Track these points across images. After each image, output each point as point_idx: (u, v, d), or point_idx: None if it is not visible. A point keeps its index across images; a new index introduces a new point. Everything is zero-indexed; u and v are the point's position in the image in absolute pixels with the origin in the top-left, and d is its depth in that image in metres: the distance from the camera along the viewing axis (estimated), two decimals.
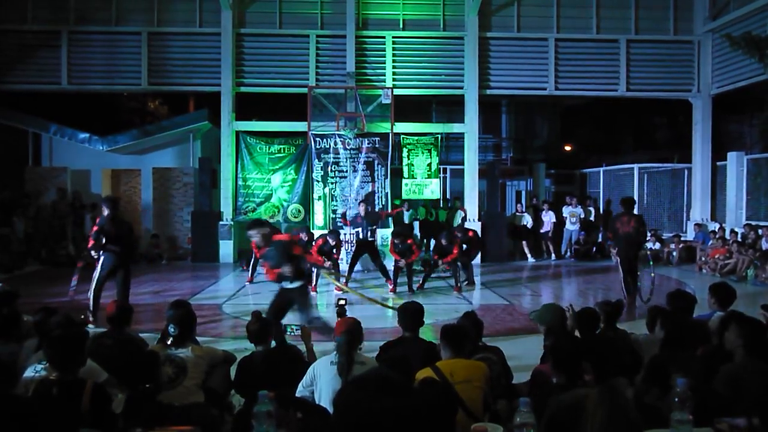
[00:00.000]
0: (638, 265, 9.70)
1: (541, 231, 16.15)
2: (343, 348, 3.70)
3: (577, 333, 4.38)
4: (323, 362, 3.80)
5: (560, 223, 16.11)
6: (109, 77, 15.35)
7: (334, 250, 10.92)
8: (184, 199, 16.54)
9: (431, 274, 11.51)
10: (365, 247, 11.33)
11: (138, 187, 17.08)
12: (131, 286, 8.30)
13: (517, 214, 16.48)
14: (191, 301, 8.21)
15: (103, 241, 7.77)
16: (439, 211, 15.88)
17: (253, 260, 11.92)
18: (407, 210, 15.24)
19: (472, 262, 11.83)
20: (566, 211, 16.03)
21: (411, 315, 4.50)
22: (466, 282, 11.32)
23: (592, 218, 16.49)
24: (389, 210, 14.09)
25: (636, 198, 16.32)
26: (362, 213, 11.45)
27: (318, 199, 14.70)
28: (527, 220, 16.08)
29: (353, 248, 11.62)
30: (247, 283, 11.80)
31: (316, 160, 14.75)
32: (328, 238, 10.97)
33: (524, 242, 15.98)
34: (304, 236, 11.02)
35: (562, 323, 4.38)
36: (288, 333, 4.64)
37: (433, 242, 14.26)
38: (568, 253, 16.12)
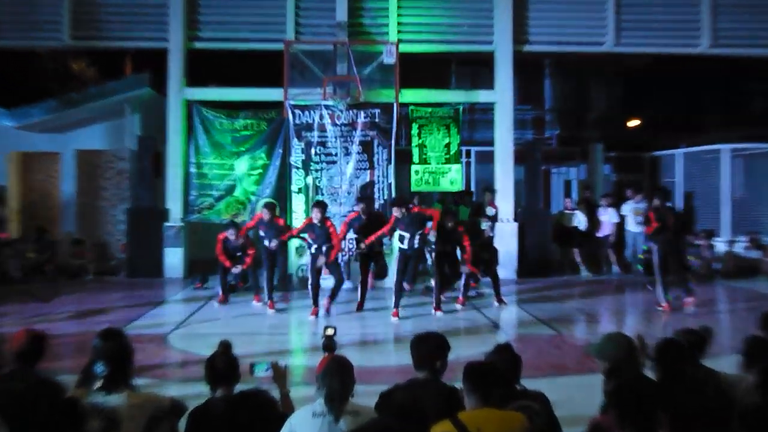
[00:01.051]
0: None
1: (599, 235, 16.12)
2: (330, 394, 3.68)
3: (649, 372, 4.34)
4: (303, 414, 3.79)
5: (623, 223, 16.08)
6: (20, 30, 15.33)
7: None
8: (117, 192, 16.54)
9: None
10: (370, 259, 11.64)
11: (56, 176, 17.13)
12: (39, 309, 8.28)
13: (566, 212, 16.45)
14: (127, 330, 8.16)
15: None
16: (460, 208, 15.83)
17: (222, 274, 12.05)
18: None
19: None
20: (627, 207, 16.04)
21: (427, 348, 4.44)
22: (476, 294, 11.36)
23: None
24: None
25: (727, 188, 16.26)
26: (363, 213, 11.58)
27: (297, 193, 14.70)
28: (580, 221, 16.05)
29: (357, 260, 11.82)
30: (218, 303, 11.91)
31: (296, 139, 14.75)
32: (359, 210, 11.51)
33: (576, 250, 15.93)
34: (232, 235, 11.82)
35: (630, 359, 4.33)
36: (255, 373, 4.59)
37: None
38: (635, 265, 16.08)
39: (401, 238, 10.85)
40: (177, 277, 14.97)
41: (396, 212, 10.73)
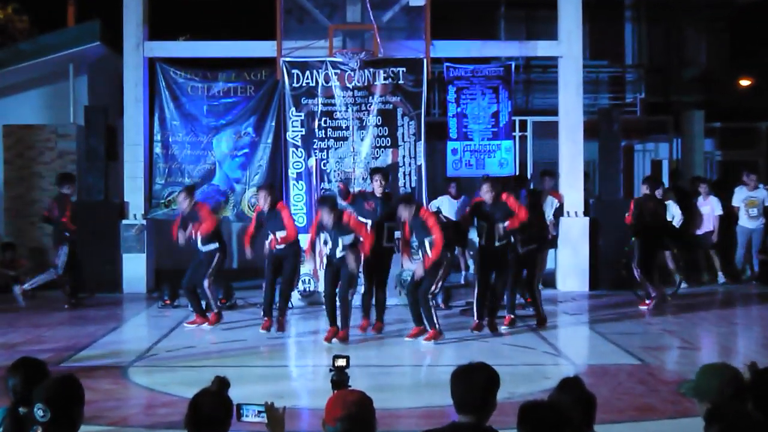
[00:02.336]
0: None
1: (697, 232, 16.02)
2: None
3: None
4: None
5: (731, 217, 15.96)
6: None
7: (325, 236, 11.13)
8: None
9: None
10: (382, 259, 11.45)
11: None
12: None
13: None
14: (73, 363, 8.29)
15: None
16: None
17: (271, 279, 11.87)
18: (456, 198, 15.19)
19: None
20: (739, 196, 15.89)
21: (472, 385, 4.46)
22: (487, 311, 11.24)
23: None
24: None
25: None
26: (377, 192, 11.48)
27: (296, 180, 14.69)
28: (674, 214, 15.90)
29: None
30: (208, 326, 11.84)
31: (293, 109, 14.74)
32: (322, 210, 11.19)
33: (667, 252, 15.87)
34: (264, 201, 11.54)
35: (737, 397, 4.34)
36: (243, 417, 4.64)
37: None
38: (748, 271, 16.02)
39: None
40: (138, 291, 15.01)
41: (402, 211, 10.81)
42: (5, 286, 15.28)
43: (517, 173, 16.15)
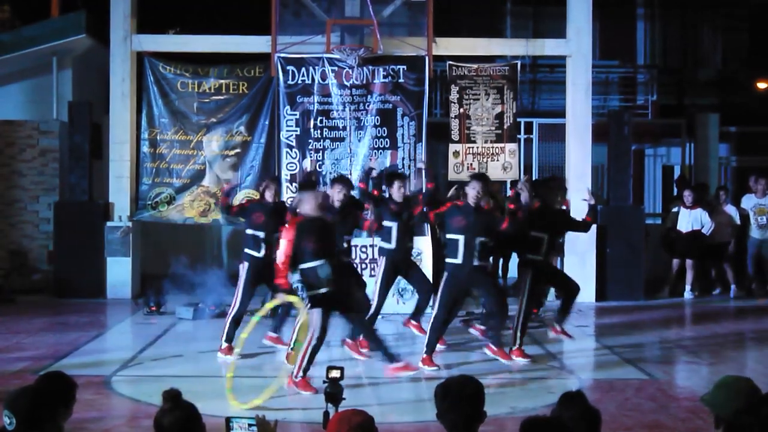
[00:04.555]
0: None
1: (720, 241, 16.00)
2: None
3: None
4: None
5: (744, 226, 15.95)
6: None
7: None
8: (40, 179, 16.56)
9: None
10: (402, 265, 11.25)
11: None
12: None
13: (673, 210, 16.28)
14: (54, 370, 8.20)
15: None
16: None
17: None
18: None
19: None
20: (747, 204, 15.89)
21: (458, 401, 4.46)
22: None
23: None
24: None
25: None
26: (397, 198, 10.97)
27: (290, 182, 14.68)
28: (703, 222, 15.76)
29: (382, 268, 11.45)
30: (225, 358, 10.55)
31: (288, 107, 14.76)
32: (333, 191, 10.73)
33: (675, 260, 15.86)
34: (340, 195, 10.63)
35: (751, 411, 4.34)
36: (234, 430, 4.64)
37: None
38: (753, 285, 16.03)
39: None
40: (123, 297, 14.97)
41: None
42: None
43: (520, 176, 16.04)
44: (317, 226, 8.92)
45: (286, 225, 9.21)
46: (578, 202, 15.00)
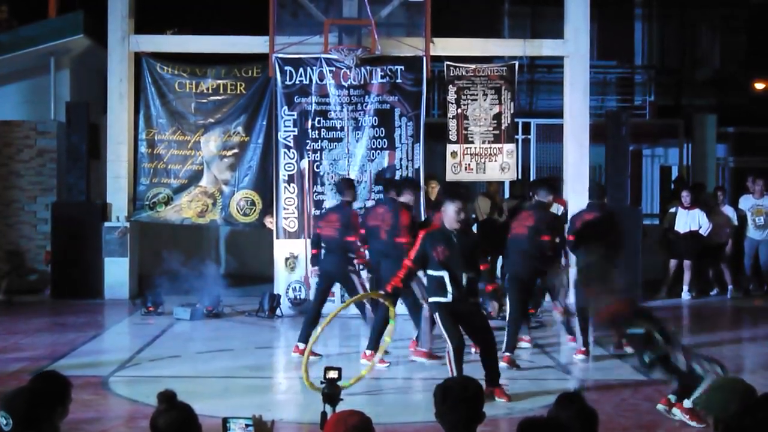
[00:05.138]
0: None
1: (719, 242, 16.05)
2: None
3: None
4: None
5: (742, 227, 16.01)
6: None
7: None
8: (38, 180, 16.56)
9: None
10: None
11: None
12: None
13: (671, 210, 16.33)
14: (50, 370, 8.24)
15: None
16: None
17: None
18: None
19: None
20: (744, 205, 15.93)
21: (457, 403, 4.50)
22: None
23: None
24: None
25: None
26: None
27: (288, 183, 14.71)
28: (701, 223, 15.81)
29: None
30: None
31: (286, 107, 14.75)
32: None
33: (687, 263, 15.89)
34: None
35: (748, 413, 4.38)
36: (230, 430, 4.70)
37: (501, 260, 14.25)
38: (751, 285, 16.14)
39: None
40: (121, 297, 15.00)
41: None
42: None
43: (518, 177, 16.07)
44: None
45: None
46: (576, 202, 15.18)
